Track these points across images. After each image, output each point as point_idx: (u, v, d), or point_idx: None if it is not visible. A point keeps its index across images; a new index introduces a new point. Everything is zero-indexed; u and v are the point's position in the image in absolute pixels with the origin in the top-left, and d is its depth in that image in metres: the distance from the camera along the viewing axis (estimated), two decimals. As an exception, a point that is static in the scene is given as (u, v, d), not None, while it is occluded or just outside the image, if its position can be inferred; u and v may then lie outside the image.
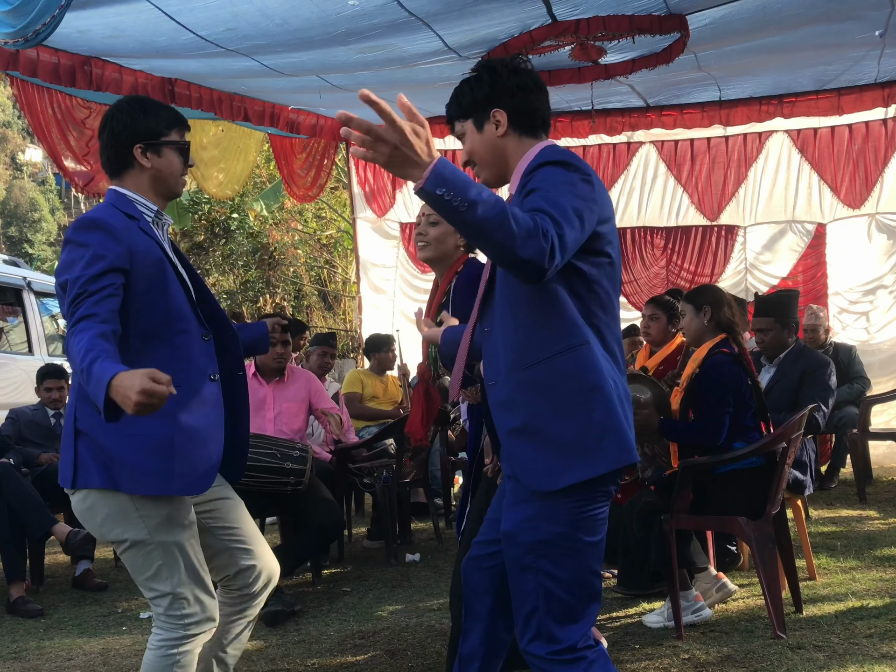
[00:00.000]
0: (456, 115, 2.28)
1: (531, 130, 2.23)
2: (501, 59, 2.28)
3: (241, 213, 16.82)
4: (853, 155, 8.01)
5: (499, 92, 2.20)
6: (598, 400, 2.05)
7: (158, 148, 2.51)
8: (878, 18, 5.48)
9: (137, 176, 2.51)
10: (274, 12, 4.87)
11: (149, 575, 2.40)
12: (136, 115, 2.51)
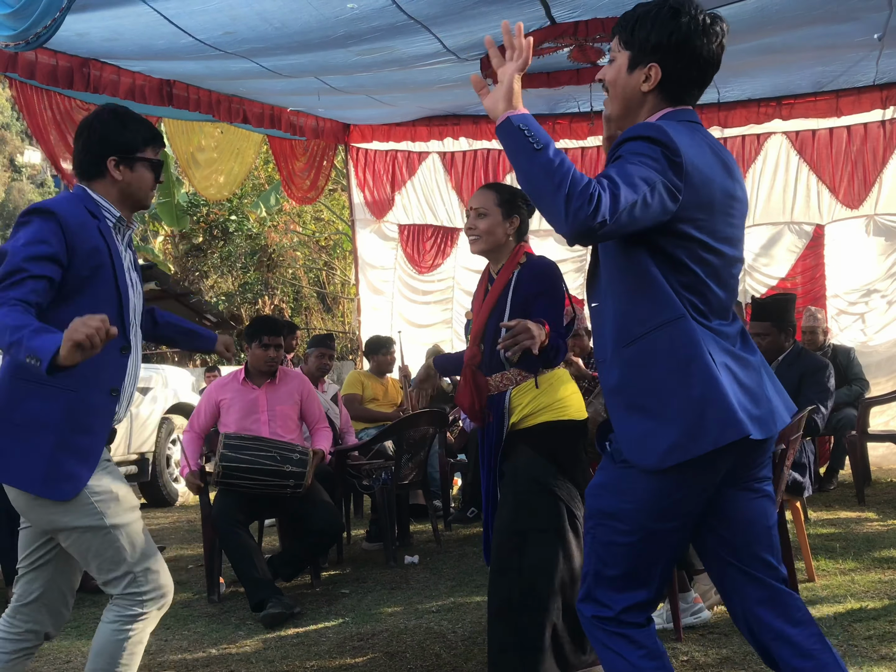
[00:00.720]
0: (621, 37, 2.13)
1: (676, 99, 2.12)
2: (700, 10, 2.08)
3: (240, 214, 16.83)
4: (851, 156, 8.01)
5: (671, 48, 2.06)
6: (697, 375, 1.97)
7: (132, 163, 2.56)
8: (877, 21, 5.49)
9: (107, 185, 2.57)
10: (272, 16, 4.87)
11: (105, 558, 2.46)
12: (114, 128, 2.55)
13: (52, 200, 2.50)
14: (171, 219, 15.18)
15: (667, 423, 1.99)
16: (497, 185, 3.42)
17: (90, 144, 2.55)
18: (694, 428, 1.97)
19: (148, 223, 18.55)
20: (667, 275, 2.02)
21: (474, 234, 3.23)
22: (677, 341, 2.01)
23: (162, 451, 7.94)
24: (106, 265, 2.47)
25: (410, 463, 5.69)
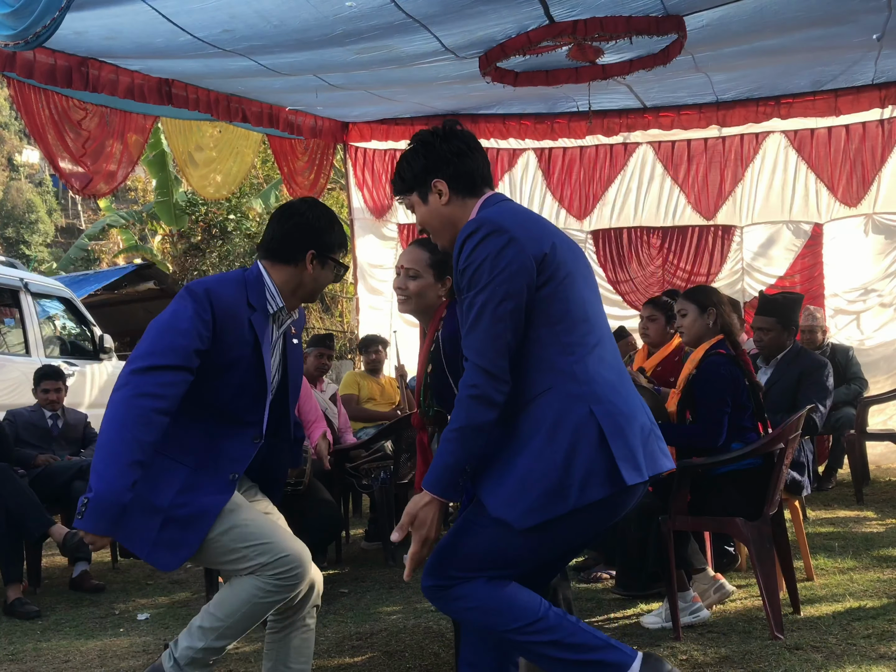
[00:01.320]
0: (401, 191, 2.38)
1: (472, 191, 2.31)
2: (433, 128, 2.34)
3: (238, 214, 16.82)
4: (850, 155, 8.01)
5: (435, 162, 2.29)
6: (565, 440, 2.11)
7: (325, 260, 2.69)
8: (876, 22, 5.48)
9: (292, 273, 2.66)
10: (271, 14, 4.87)
11: (227, 560, 2.56)
12: (326, 226, 2.69)
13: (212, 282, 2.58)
14: (170, 218, 15.19)
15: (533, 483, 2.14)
16: (429, 242, 3.13)
17: (298, 229, 2.65)
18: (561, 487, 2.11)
19: (146, 222, 18.55)
20: (542, 335, 2.16)
21: (404, 294, 3.06)
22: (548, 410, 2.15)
23: (161, 451, 7.93)
24: (243, 357, 2.55)
25: (409, 462, 5.68)
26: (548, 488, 2.09)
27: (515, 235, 2.14)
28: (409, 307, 3.08)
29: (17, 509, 4.66)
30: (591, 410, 2.11)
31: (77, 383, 7.49)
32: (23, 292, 7.50)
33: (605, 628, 3.81)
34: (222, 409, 2.57)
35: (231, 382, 2.54)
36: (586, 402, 2.12)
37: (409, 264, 3.01)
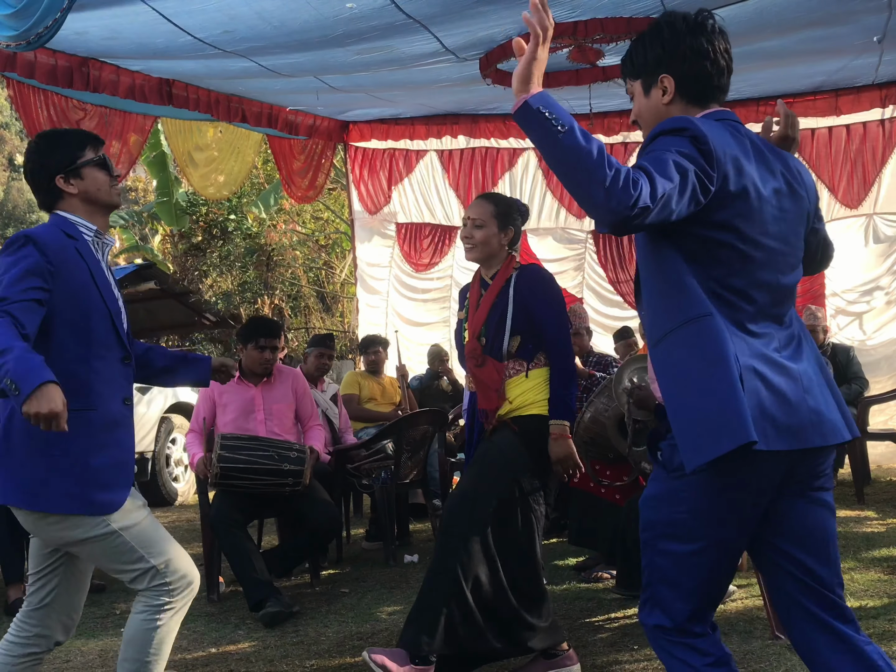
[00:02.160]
0: (627, 73, 2.20)
1: (700, 99, 2.11)
2: (683, 14, 2.12)
3: (239, 214, 16.82)
4: (851, 155, 8.00)
5: (671, 55, 2.09)
6: (717, 378, 1.90)
7: (77, 171, 2.61)
8: (876, 23, 5.48)
9: (70, 202, 2.63)
10: (271, 15, 4.87)
11: (122, 560, 2.52)
12: (44, 151, 2.63)
13: (32, 229, 2.57)
14: (170, 218, 15.17)
15: (689, 425, 1.93)
16: (494, 195, 3.55)
17: (34, 176, 2.65)
18: (706, 432, 1.90)
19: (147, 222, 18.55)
20: (699, 271, 1.96)
21: (470, 242, 3.37)
22: (700, 340, 1.93)
23: (161, 451, 7.93)
24: (87, 285, 2.54)
25: (410, 462, 5.68)
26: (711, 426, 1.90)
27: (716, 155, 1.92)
28: (475, 255, 3.41)
29: (18, 509, 4.66)
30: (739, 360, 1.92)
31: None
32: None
33: (606, 628, 3.82)
34: (85, 337, 2.53)
35: (85, 309, 2.53)
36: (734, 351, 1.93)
37: (475, 215, 3.34)
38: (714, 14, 2.14)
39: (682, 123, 1.96)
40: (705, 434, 1.90)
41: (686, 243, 1.96)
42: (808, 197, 2.13)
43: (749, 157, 2.00)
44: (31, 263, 2.43)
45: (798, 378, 1.99)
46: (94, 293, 2.55)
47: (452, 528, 3.16)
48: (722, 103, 2.15)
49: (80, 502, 2.46)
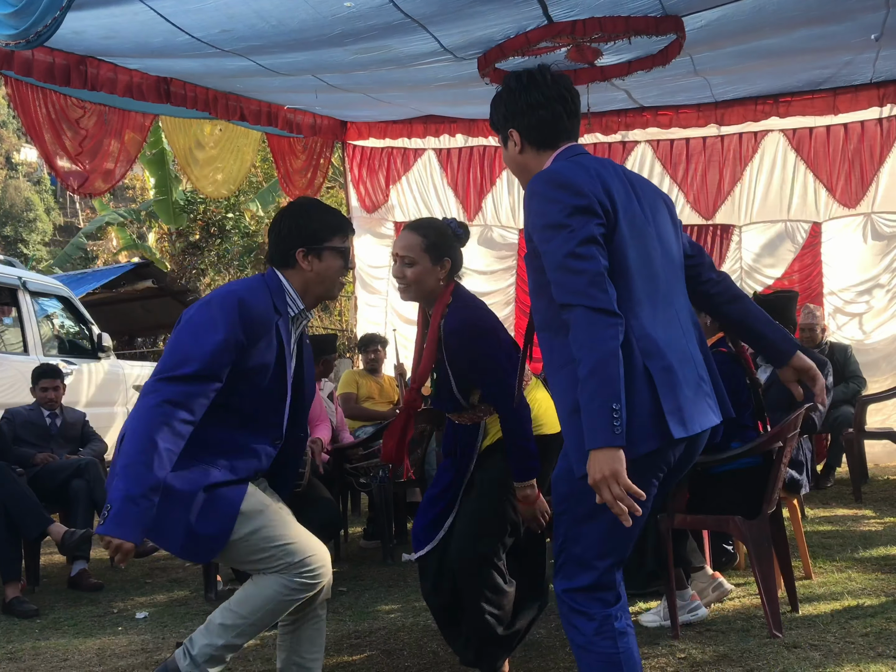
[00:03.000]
0: (494, 129, 2.46)
1: (547, 143, 2.33)
2: (518, 73, 2.37)
3: (237, 212, 16.81)
4: (848, 154, 8.01)
5: (511, 112, 2.34)
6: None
7: (320, 252, 2.65)
8: (874, 21, 5.48)
9: (297, 275, 2.66)
10: (269, 14, 4.86)
11: (254, 560, 2.58)
12: (302, 220, 2.65)
13: (242, 288, 2.59)
14: (168, 216, 15.17)
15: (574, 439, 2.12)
16: (422, 225, 3.08)
17: (280, 238, 2.66)
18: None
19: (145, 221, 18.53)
20: None
21: (403, 283, 2.99)
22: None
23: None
24: (268, 366, 2.57)
25: (408, 460, 5.68)
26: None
27: (582, 190, 2.13)
28: (410, 295, 3.04)
29: (16, 508, 4.66)
30: (644, 365, 2.10)
31: (75, 382, 7.49)
32: (21, 291, 7.49)
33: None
34: (247, 412, 2.59)
35: (257, 387, 2.57)
36: (640, 356, 2.10)
37: (403, 251, 2.96)
38: (549, 67, 2.39)
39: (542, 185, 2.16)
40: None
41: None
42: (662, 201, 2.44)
43: (612, 179, 2.22)
44: (228, 334, 2.47)
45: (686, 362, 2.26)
46: (275, 372, 2.59)
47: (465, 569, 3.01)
48: (573, 139, 2.36)
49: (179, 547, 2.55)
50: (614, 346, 2.01)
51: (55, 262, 19.81)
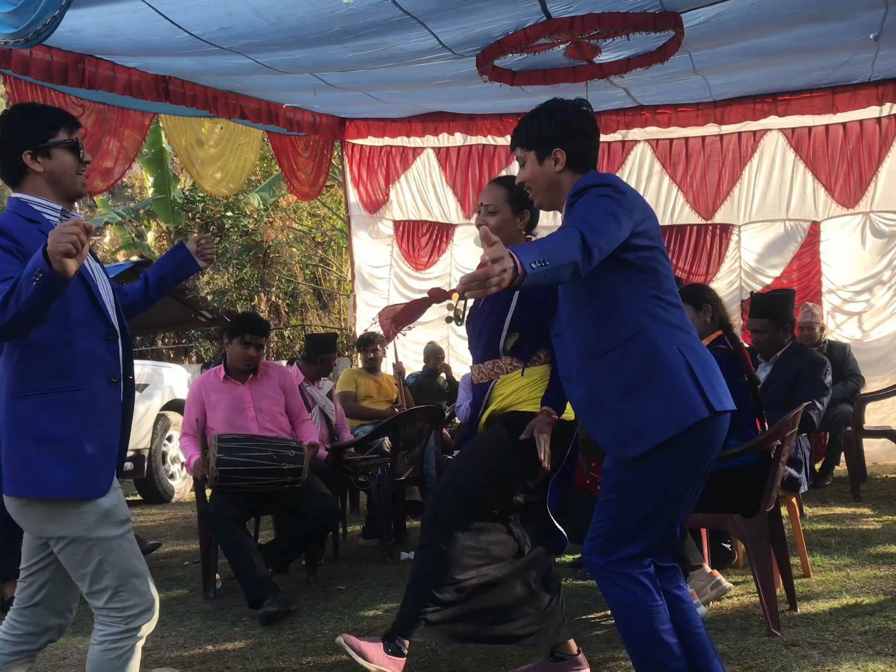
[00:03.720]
0: (521, 144, 2.65)
1: (583, 168, 2.60)
2: (569, 102, 2.63)
3: (236, 211, 16.81)
4: (847, 154, 8.01)
5: (564, 133, 2.57)
6: (661, 374, 2.41)
7: (47, 150, 2.51)
8: (873, 20, 5.48)
9: (33, 181, 2.53)
10: (268, 11, 4.86)
11: (87, 570, 2.45)
12: (18, 123, 2.53)
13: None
14: (167, 215, 15.13)
15: (637, 416, 2.44)
16: (507, 179, 3.35)
17: (1, 147, 2.53)
18: (660, 419, 2.40)
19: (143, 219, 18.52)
20: (629, 290, 2.46)
21: None
22: (643, 349, 2.45)
23: (158, 448, 7.93)
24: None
25: (406, 459, 5.68)
26: (654, 417, 2.40)
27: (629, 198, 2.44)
28: None
29: (14, 506, 4.64)
30: (679, 349, 2.44)
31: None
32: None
33: (603, 625, 3.82)
34: (61, 318, 2.45)
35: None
36: (675, 343, 2.45)
37: (487, 201, 3.22)
38: (589, 103, 2.66)
39: (600, 179, 2.51)
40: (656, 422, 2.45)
41: (623, 266, 2.44)
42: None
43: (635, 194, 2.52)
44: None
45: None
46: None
47: (436, 515, 3.13)
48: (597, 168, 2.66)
49: (67, 487, 2.40)
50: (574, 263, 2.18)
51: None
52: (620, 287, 2.46)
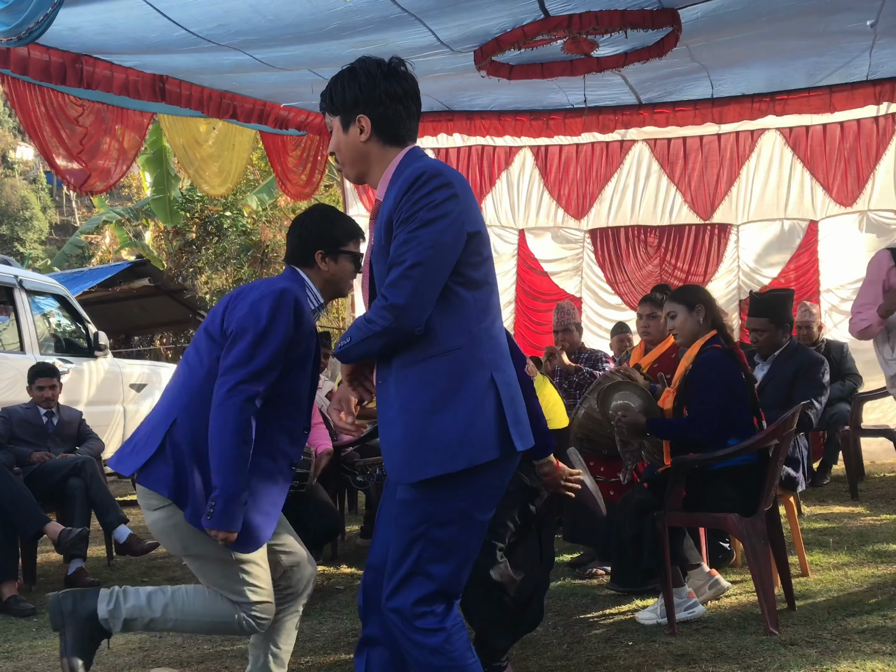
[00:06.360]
0: (326, 108, 2.33)
1: (395, 140, 2.29)
2: (376, 60, 2.29)
3: (234, 211, 16.81)
4: (845, 152, 8.02)
5: (367, 97, 2.25)
6: (467, 398, 2.14)
7: (336, 255, 2.87)
8: (870, 9, 5.48)
9: (315, 274, 2.87)
10: (266, 8, 4.86)
11: (225, 586, 2.72)
12: (324, 222, 2.89)
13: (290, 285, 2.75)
14: (165, 215, 15.14)
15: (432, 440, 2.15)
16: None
17: (302, 240, 2.86)
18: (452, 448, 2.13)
19: (141, 219, 18.51)
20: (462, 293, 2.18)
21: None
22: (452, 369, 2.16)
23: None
24: (310, 350, 2.77)
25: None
26: (446, 444, 2.12)
27: (459, 194, 2.17)
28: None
29: (12, 507, 4.65)
30: (492, 377, 2.17)
31: (72, 381, 7.47)
32: (17, 289, 7.47)
33: (601, 624, 3.82)
34: (296, 399, 2.77)
35: (302, 371, 2.76)
36: (489, 369, 2.17)
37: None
38: (406, 62, 2.35)
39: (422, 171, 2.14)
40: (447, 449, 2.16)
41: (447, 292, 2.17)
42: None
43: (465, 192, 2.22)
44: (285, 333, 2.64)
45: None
46: (308, 360, 2.76)
47: None
48: (415, 142, 2.33)
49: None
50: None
51: (53, 261, 19.79)
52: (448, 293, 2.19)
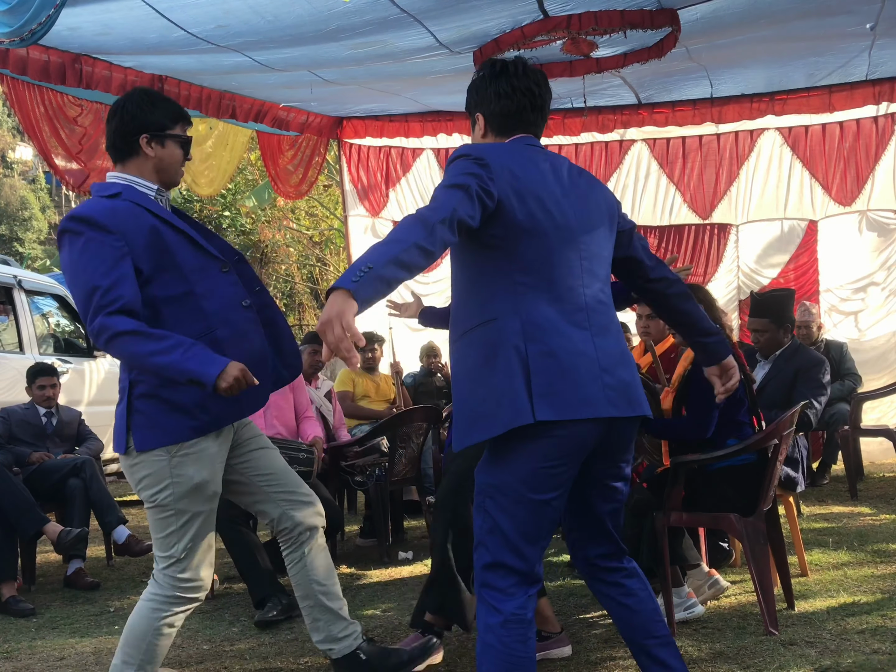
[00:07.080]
0: (467, 110, 2.64)
1: (505, 131, 2.50)
2: (493, 61, 2.53)
3: (233, 210, 16.80)
4: (844, 152, 8.02)
5: (479, 98, 2.53)
6: (499, 368, 2.23)
7: (163, 139, 2.74)
8: (869, 13, 5.48)
9: (140, 163, 2.74)
10: (265, 9, 4.86)
11: (161, 536, 2.67)
12: (145, 107, 2.72)
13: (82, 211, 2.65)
14: (164, 215, 15.13)
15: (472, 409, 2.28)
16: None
17: (123, 124, 2.72)
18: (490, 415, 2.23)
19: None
20: (501, 264, 2.28)
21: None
22: (487, 339, 2.27)
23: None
24: (155, 226, 2.64)
25: (404, 459, 5.68)
26: (482, 413, 2.24)
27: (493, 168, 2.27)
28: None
29: (11, 507, 4.65)
30: (525, 347, 2.23)
31: (71, 381, 7.47)
32: (16, 289, 7.47)
33: (600, 624, 3.82)
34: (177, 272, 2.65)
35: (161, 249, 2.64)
36: (522, 338, 2.24)
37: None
38: (525, 59, 2.53)
39: (463, 151, 2.35)
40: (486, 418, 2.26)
41: (489, 243, 2.28)
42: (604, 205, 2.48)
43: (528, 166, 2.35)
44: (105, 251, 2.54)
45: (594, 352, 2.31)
46: (165, 229, 2.64)
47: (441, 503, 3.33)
48: (532, 132, 2.50)
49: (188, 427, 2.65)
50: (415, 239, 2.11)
51: (53, 261, 19.77)
52: (478, 268, 2.32)
